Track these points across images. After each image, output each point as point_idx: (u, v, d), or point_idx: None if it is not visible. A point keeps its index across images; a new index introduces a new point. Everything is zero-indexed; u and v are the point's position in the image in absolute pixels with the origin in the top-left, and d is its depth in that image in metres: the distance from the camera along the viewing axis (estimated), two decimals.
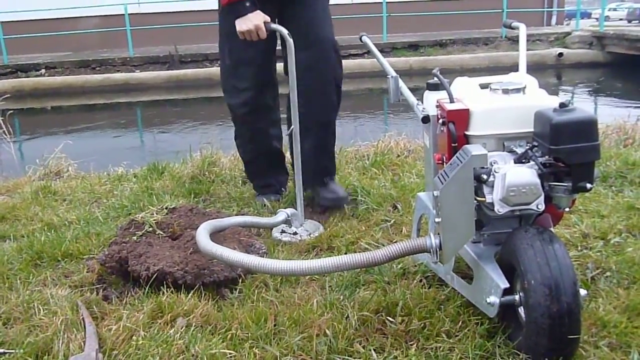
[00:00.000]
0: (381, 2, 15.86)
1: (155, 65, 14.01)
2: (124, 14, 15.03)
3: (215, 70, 13.17)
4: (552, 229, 1.55)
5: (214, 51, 14.02)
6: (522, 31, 2.32)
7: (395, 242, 1.82)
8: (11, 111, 5.87)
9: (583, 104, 11.92)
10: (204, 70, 13.29)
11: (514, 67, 2.06)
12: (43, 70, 14.67)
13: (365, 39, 2.35)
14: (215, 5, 2.50)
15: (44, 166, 3.93)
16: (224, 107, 2.64)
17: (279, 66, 2.57)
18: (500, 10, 16.25)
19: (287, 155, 2.86)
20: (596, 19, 20.33)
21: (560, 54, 14.91)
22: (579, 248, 2.01)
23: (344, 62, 2.69)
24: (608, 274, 1.80)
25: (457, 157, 1.42)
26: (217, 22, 2.58)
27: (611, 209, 2.34)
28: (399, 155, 3.41)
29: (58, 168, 3.92)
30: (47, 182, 3.34)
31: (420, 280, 1.79)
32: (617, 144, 3.54)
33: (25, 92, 13.65)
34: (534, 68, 15.26)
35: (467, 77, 1.83)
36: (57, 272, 2.05)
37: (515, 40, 15.99)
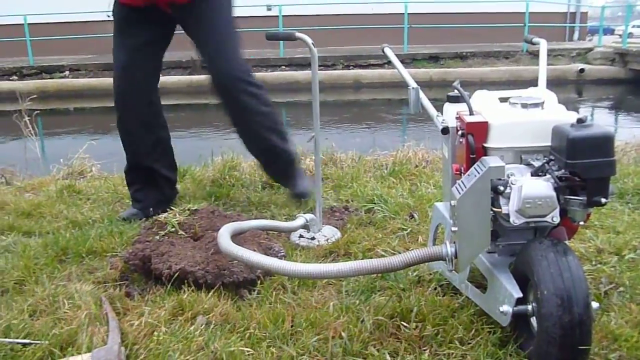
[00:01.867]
0: (403, 14, 15.93)
1: (177, 70, 14.19)
2: None
3: None
4: (566, 242, 1.58)
5: None
6: (543, 47, 2.35)
7: (411, 249, 1.86)
8: (37, 111, 5.99)
9: (602, 120, 11.86)
10: None
11: (535, 82, 2.09)
12: (67, 72, 14.91)
13: (387, 50, 2.39)
14: (236, 12, 2.56)
15: (67, 166, 4.02)
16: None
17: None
18: (522, 25, 16.23)
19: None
20: (619, 35, 20.17)
21: (582, 70, 14.85)
22: (593, 263, 2.03)
23: (364, 72, 2.74)
24: (621, 289, 1.82)
25: (475, 168, 1.46)
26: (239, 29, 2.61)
27: (627, 226, 2.36)
28: (417, 166, 3.44)
29: (82, 168, 4.01)
30: (72, 181, 3.42)
31: (435, 288, 1.83)
32: (635, 162, 3.55)
33: (49, 93, 13.87)
34: (555, 83, 15.27)
35: (487, 91, 1.86)
36: (81, 268, 2.11)
37: (536, 55, 15.95)
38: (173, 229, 2.05)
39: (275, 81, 13.05)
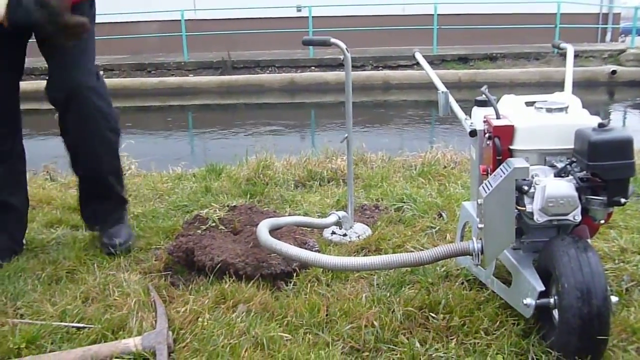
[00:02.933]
0: (432, 15, 15.93)
1: (209, 70, 14.40)
2: (180, 20, 15.50)
3: (266, 77, 13.50)
4: (589, 240, 1.67)
5: (266, 58, 14.35)
6: (570, 52, 2.41)
7: (440, 245, 1.96)
8: None
9: (634, 123, 11.74)
10: (255, 77, 13.58)
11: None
12: (101, 72, 15.23)
13: (417, 55, 2.49)
14: (267, 13, 2.58)
15: None
16: (274, 112, 2.78)
17: None
18: (553, 26, 16.11)
19: None
20: None
21: (614, 72, 14.67)
22: (616, 261, 2.10)
23: (393, 72, 2.74)
24: None
25: (501, 168, 1.55)
26: (266, 30, 2.46)
27: None
28: (445, 167, 3.53)
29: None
30: None
31: (462, 283, 1.92)
32: None
33: None
34: (586, 85, 15.12)
35: (513, 95, 1.95)
36: (128, 260, 2.25)
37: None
38: (214, 224, 2.18)
39: (305, 82, 13.18)
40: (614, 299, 1.48)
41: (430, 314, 1.72)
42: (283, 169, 3.41)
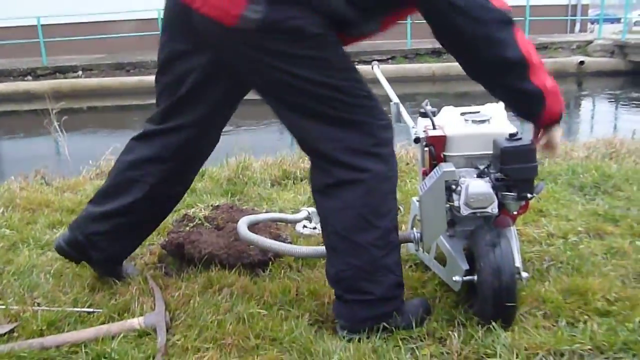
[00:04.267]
0: None
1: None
2: (157, 18, 15.70)
3: None
4: (511, 227, 2.05)
5: None
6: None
7: None
8: (61, 105, 6.41)
9: (602, 112, 12.25)
10: None
11: None
12: (80, 72, 15.41)
13: (376, 69, 2.81)
14: None
15: (96, 167, 4.52)
16: (250, 109, 2.95)
17: None
18: (522, 18, 16.55)
19: None
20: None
21: (582, 62, 15.17)
22: (542, 245, 2.48)
23: (368, 67, 2.70)
24: (560, 265, 2.28)
25: (434, 171, 1.92)
26: None
27: (578, 214, 2.81)
28: (407, 163, 3.90)
29: (108, 169, 4.48)
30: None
31: (411, 266, 2.30)
32: (602, 157, 3.98)
33: (63, 93, 14.28)
34: (555, 76, 15.52)
35: (452, 107, 2.31)
36: None
37: (536, 48, 16.33)
38: (200, 222, 2.53)
39: None
40: (524, 274, 1.87)
41: None
42: (261, 169, 3.76)
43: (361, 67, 2.00)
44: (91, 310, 2.10)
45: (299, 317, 1.95)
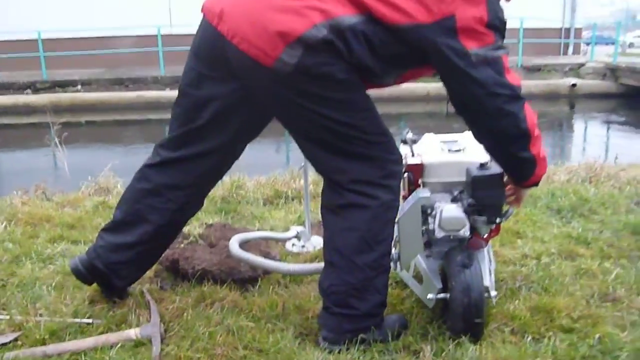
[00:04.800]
0: None
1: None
2: (156, 35, 15.93)
3: None
4: (484, 248, 2.21)
5: None
6: None
7: None
8: (62, 122, 6.54)
9: (594, 134, 12.45)
10: None
11: (528, 96, 2.48)
12: (79, 86, 15.60)
13: None
14: None
15: (95, 182, 4.67)
16: None
17: None
18: (516, 41, 16.81)
19: None
20: (620, 45, 20.55)
21: (574, 85, 15.42)
22: (517, 265, 2.64)
23: None
24: (531, 285, 2.43)
25: (411, 196, 2.08)
26: None
27: (552, 237, 2.97)
28: None
29: (107, 185, 4.64)
30: (104, 198, 4.04)
31: (391, 283, 2.44)
32: (582, 181, 4.15)
33: (63, 107, 14.45)
34: (548, 97, 15.67)
35: (433, 134, 2.47)
36: None
37: (530, 70, 16.61)
38: (194, 239, 2.68)
39: None
40: (493, 293, 2.03)
41: None
42: (254, 188, 3.92)
43: None
44: (91, 321, 2.24)
45: (284, 330, 2.09)
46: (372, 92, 1.99)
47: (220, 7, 1.87)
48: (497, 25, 1.83)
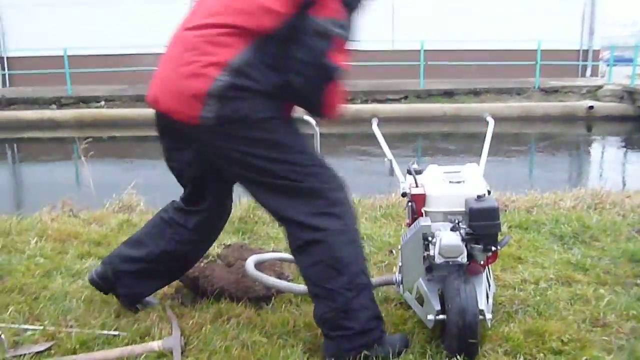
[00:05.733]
0: (419, 50, 16.76)
1: None
2: None
3: None
4: (482, 273, 2.37)
5: None
6: (490, 125, 3.09)
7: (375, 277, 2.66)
8: (88, 141, 6.79)
9: (611, 157, 12.50)
10: None
11: (545, 117, 2.64)
12: (103, 102, 15.99)
13: (374, 126, 3.15)
14: None
15: (119, 200, 4.90)
16: None
17: None
18: (533, 62, 16.93)
19: None
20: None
21: (591, 107, 15.46)
22: (515, 290, 2.79)
23: (381, 106, 3.24)
24: (527, 308, 2.58)
25: (413, 225, 2.25)
26: None
27: (552, 263, 3.12)
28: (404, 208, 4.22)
29: (130, 202, 4.87)
30: (127, 215, 4.26)
31: (396, 304, 2.62)
32: (588, 208, 4.29)
33: (86, 123, 14.84)
34: (565, 119, 15.69)
35: (437, 166, 2.64)
36: None
37: (548, 92, 16.70)
38: (213, 258, 2.88)
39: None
40: (488, 316, 2.19)
41: None
42: None
43: (372, 105, 2.36)
44: (117, 333, 2.43)
45: (294, 346, 2.27)
46: (387, 110, 2.18)
47: (154, 92, 2.22)
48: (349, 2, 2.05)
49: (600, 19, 19.91)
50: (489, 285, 2.50)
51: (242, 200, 4.28)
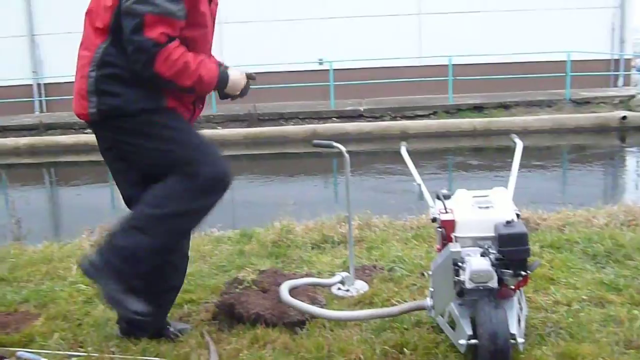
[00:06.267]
0: (447, 65, 16.73)
1: (235, 123, 15.30)
2: None
3: (290, 128, 14.39)
4: (514, 297, 2.40)
5: (289, 110, 15.26)
6: (519, 147, 3.12)
7: (407, 302, 2.70)
8: None
9: None
10: (279, 128, 14.43)
11: (577, 129, 2.64)
12: None
13: (403, 151, 3.21)
14: (291, 67, 3.17)
15: None
16: (296, 163, 3.44)
17: None
18: (563, 74, 16.77)
19: None
20: None
21: (624, 117, 15.21)
22: (548, 311, 2.81)
23: (411, 122, 3.24)
24: (560, 331, 2.60)
25: (443, 250, 2.30)
26: (290, 84, 3.07)
27: (585, 283, 3.12)
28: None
29: None
30: None
31: (428, 328, 2.65)
32: (621, 225, 4.26)
33: None
34: (598, 130, 15.54)
35: (465, 190, 2.68)
36: (184, 311, 3.02)
37: (578, 103, 16.51)
38: (248, 285, 2.96)
39: (327, 132, 13.88)
40: (520, 340, 2.22)
41: (401, 350, 2.45)
42: (302, 233, 4.18)
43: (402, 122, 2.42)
44: (158, 359, 2.52)
45: None
46: (416, 126, 2.23)
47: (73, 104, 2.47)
48: None
49: (630, 27, 19.64)
50: (521, 308, 2.52)
51: (274, 224, 4.37)
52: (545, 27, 18.06)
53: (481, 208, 2.43)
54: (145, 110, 2.36)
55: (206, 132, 14.73)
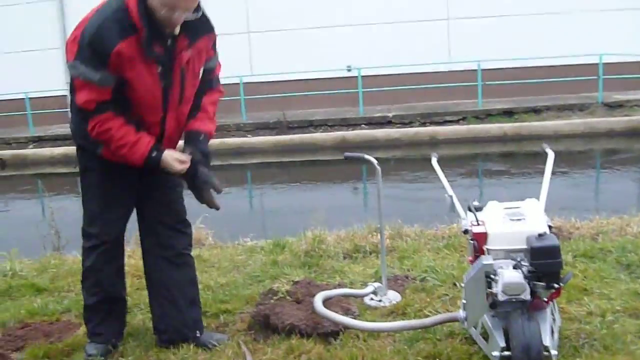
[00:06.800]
0: (476, 70, 16.63)
1: (265, 130, 15.42)
2: (239, 83, 16.71)
3: (319, 135, 14.44)
4: (547, 309, 2.42)
5: (319, 117, 15.34)
6: (550, 158, 3.12)
7: (441, 313, 2.73)
8: None
9: None
10: (309, 136, 14.48)
11: (610, 133, 2.61)
12: None
13: (434, 162, 3.24)
14: (319, 74, 3.25)
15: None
16: (326, 170, 3.50)
17: None
18: (595, 77, 16.54)
19: None
20: None
21: None
22: (581, 323, 2.80)
23: (440, 128, 3.31)
24: (593, 343, 2.60)
25: (476, 263, 2.33)
26: (319, 92, 3.22)
27: (619, 293, 3.10)
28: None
29: (199, 237, 5.07)
30: (198, 250, 4.45)
31: (461, 339, 2.68)
32: None
33: None
34: (631, 134, 15.26)
35: (496, 202, 2.70)
36: (219, 321, 3.09)
37: (611, 106, 16.26)
38: (282, 295, 3.02)
39: (356, 139, 13.94)
40: (553, 352, 2.23)
41: None
42: (334, 243, 4.22)
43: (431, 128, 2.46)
44: None
45: None
46: (446, 132, 2.26)
47: None
48: (82, 44, 2.35)
49: None
50: (554, 320, 2.53)
51: (306, 233, 4.43)
52: (576, 29, 17.81)
53: (513, 220, 2.45)
54: (83, 168, 2.73)
55: (236, 140, 14.93)
